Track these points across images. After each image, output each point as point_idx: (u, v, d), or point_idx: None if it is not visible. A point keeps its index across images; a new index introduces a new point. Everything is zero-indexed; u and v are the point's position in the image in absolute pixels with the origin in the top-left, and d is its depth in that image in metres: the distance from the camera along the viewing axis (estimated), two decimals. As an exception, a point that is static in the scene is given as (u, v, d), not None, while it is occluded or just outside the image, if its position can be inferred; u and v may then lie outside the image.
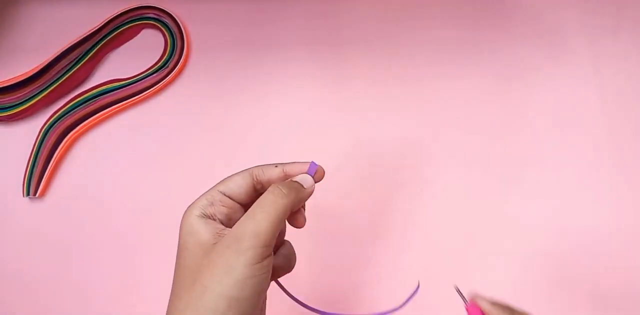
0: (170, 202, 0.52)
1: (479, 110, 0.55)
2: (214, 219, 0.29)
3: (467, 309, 0.33)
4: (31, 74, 0.53)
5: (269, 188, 0.29)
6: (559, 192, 0.53)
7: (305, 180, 0.31)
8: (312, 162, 0.32)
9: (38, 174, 0.52)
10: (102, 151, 0.54)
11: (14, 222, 0.52)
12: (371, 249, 0.51)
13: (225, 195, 0.30)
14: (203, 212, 0.29)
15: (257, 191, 0.32)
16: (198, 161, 0.53)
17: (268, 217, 0.27)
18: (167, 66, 0.55)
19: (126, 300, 0.50)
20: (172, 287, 0.29)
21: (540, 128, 0.55)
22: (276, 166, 0.31)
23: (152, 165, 0.53)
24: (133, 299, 0.50)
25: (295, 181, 0.31)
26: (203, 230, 0.28)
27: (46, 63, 0.54)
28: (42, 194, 0.52)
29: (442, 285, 0.39)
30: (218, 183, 0.31)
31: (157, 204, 0.52)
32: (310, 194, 0.31)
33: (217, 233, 0.29)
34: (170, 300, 0.29)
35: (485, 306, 0.32)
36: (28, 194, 0.51)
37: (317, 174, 0.32)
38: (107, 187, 0.53)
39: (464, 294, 0.34)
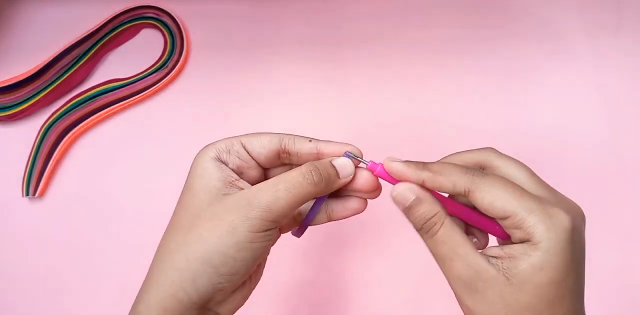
0: (170, 201, 0.52)
1: (479, 109, 0.55)
2: (227, 166, 0.29)
3: (369, 169, 0.30)
4: (31, 73, 0.53)
5: (303, 167, 0.28)
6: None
7: (345, 168, 0.29)
8: (347, 152, 0.29)
9: (37, 174, 0.52)
10: (102, 151, 0.54)
11: (14, 222, 0.52)
12: (374, 240, 0.51)
13: (244, 148, 0.29)
14: (218, 155, 0.29)
15: (280, 159, 0.30)
16: (198, 161, 0.53)
17: (288, 199, 0.27)
18: (167, 66, 0.55)
19: (126, 300, 0.50)
20: (168, 225, 0.29)
21: (541, 127, 0.55)
22: (310, 141, 0.29)
23: (151, 164, 0.53)
24: (133, 299, 0.50)
25: (334, 167, 0.29)
26: (215, 176, 0.28)
27: (46, 63, 0.54)
28: (42, 194, 0.52)
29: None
30: (243, 135, 0.30)
31: (157, 203, 0.52)
32: (345, 184, 0.29)
33: (230, 182, 0.28)
34: (163, 236, 0.29)
35: (396, 164, 0.28)
36: (27, 194, 0.51)
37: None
38: (106, 187, 0.53)
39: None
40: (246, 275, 0.28)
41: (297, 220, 0.32)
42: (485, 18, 0.57)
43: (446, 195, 0.30)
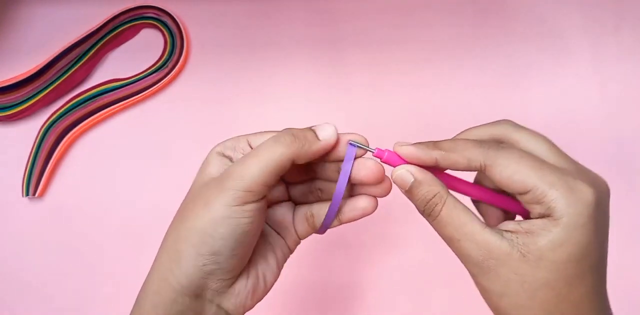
0: (170, 201, 0.52)
1: (479, 109, 0.55)
2: (231, 161, 0.29)
3: (376, 156, 0.29)
4: (31, 73, 0.53)
5: (277, 133, 0.27)
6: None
7: (324, 129, 0.28)
8: (350, 141, 0.28)
9: (37, 174, 0.52)
10: (102, 151, 0.54)
11: (14, 222, 0.52)
12: (376, 240, 0.51)
13: (250, 146, 0.29)
14: (223, 151, 0.29)
15: None
16: (198, 161, 0.53)
17: (259, 163, 0.26)
18: (167, 66, 0.55)
19: (126, 300, 0.50)
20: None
21: (541, 125, 0.54)
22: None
23: (151, 164, 0.53)
24: (134, 300, 0.50)
25: (311, 129, 0.28)
26: (213, 165, 0.28)
27: (46, 63, 0.54)
28: (42, 194, 0.52)
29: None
30: (252, 133, 0.30)
31: (157, 203, 0.52)
32: (327, 148, 0.28)
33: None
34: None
35: (407, 148, 0.28)
36: (27, 194, 0.51)
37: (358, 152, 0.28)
38: (106, 187, 0.53)
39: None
40: (232, 257, 0.26)
41: (310, 222, 0.31)
42: (486, 17, 0.57)
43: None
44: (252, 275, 0.29)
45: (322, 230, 0.31)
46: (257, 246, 0.29)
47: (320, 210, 0.31)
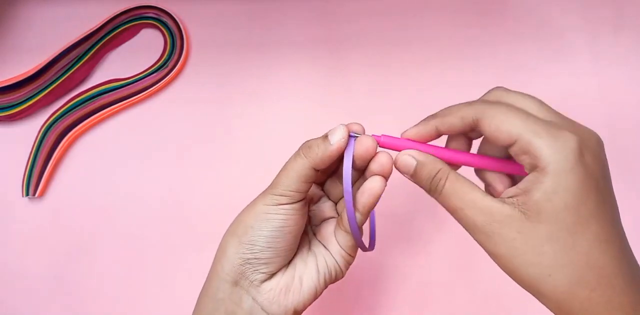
0: (170, 201, 0.52)
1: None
2: None
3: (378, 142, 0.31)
4: (31, 73, 0.53)
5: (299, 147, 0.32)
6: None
7: (334, 133, 0.31)
8: (351, 134, 0.31)
9: (37, 174, 0.52)
10: (102, 151, 0.54)
11: (13, 222, 0.52)
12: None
13: None
14: None
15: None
16: (197, 160, 0.53)
17: (286, 174, 0.31)
18: (167, 66, 0.55)
19: (127, 300, 0.50)
20: None
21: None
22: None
23: (151, 164, 0.53)
24: (134, 300, 0.50)
25: (325, 136, 0.31)
26: None
27: (46, 63, 0.54)
28: (42, 194, 0.52)
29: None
30: None
31: (157, 203, 0.52)
32: (340, 149, 0.30)
33: None
34: None
35: (410, 129, 0.31)
36: (27, 194, 0.51)
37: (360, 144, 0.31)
38: (106, 187, 0.53)
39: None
40: (267, 249, 0.30)
41: (344, 228, 0.33)
42: (485, 17, 0.58)
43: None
44: (287, 274, 0.32)
45: (354, 230, 0.31)
46: (300, 252, 0.33)
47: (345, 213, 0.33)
